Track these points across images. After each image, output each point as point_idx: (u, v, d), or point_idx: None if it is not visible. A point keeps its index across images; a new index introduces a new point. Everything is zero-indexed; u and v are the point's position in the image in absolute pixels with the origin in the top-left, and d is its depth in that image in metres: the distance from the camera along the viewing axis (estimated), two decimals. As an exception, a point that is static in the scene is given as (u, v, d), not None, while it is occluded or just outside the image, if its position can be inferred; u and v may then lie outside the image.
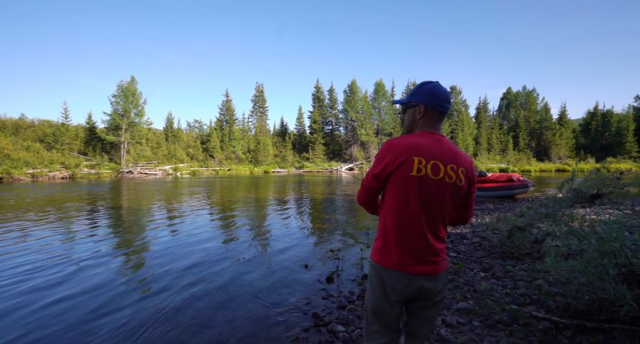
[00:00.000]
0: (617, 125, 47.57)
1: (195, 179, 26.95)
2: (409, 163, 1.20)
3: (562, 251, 2.73)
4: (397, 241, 1.23)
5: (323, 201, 11.46)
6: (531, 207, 7.69)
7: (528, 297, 2.73)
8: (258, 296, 3.31)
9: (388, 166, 1.23)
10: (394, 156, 1.21)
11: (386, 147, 1.25)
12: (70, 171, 26.68)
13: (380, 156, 1.27)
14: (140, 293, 3.38)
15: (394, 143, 1.24)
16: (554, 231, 2.74)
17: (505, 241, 4.09)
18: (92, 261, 4.48)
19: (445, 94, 1.31)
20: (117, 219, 7.95)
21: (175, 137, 44.20)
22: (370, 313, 1.32)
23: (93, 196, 12.88)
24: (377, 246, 1.30)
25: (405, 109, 1.40)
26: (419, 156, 1.20)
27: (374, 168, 1.28)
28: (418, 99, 1.32)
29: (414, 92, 1.34)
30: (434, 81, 1.34)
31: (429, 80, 1.35)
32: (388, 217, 1.25)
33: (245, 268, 4.20)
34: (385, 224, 1.26)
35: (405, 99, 1.38)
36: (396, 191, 1.23)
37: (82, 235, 6.06)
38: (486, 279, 3.34)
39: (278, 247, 5.19)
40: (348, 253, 4.70)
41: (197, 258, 4.63)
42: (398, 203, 1.23)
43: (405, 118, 1.40)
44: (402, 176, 1.21)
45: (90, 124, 36.60)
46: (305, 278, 3.80)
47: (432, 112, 1.30)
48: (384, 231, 1.27)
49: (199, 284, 3.62)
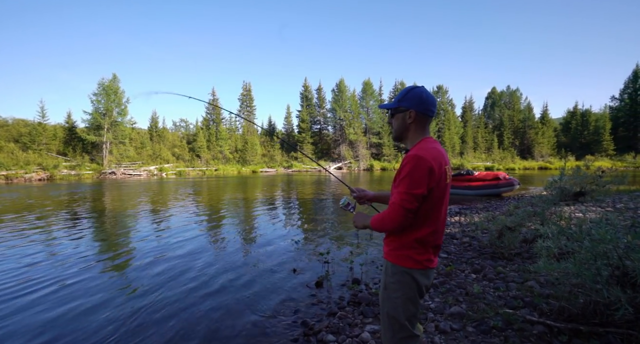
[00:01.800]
0: (595, 124, 49.35)
1: (181, 179, 26.34)
2: (445, 174, 1.31)
3: (553, 252, 2.70)
4: (431, 244, 1.34)
5: (312, 202, 11.34)
6: (519, 206, 7.78)
7: (521, 299, 2.69)
8: (244, 303, 3.16)
9: (432, 182, 1.26)
10: (437, 171, 1.26)
11: (423, 165, 1.24)
12: (48, 172, 25.59)
13: (420, 174, 1.24)
14: (118, 304, 3.17)
15: (426, 158, 1.25)
16: (545, 232, 2.70)
17: (495, 241, 4.07)
18: (69, 272, 4.22)
19: (433, 99, 1.38)
20: (96, 223, 7.60)
21: (160, 137, 43.09)
22: (404, 321, 1.34)
23: (71, 199, 12.33)
24: (407, 253, 1.33)
25: (393, 113, 1.43)
26: (446, 164, 1.32)
27: (416, 188, 1.24)
28: (408, 105, 1.37)
29: (401, 97, 1.39)
30: (420, 86, 1.41)
31: (415, 86, 1.41)
32: (424, 224, 1.31)
33: (231, 273, 4.03)
34: (421, 232, 1.31)
35: (393, 104, 1.42)
36: (434, 199, 1.29)
37: (56, 244, 5.74)
38: (478, 281, 3.29)
39: (266, 251, 5.04)
40: (337, 256, 4.59)
41: (180, 263, 4.43)
42: (434, 210, 1.31)
43: (394, 122, 1.44)
44: (441, 186, 1.30)
45: (69, 124, 35.25)
46: (294, 283, 3.67)
47: (422, 117, 1.37)
48: (419, 240, 1.32)
49: (182, 292, 3.44)
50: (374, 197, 1.77)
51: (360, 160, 45.55)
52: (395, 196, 1.28)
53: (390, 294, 1.35)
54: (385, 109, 1.53)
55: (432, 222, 1.32)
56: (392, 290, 1.35)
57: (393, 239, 1.38)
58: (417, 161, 1.24)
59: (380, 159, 47.52)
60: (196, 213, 8.82)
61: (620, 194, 8.50)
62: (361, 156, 46.00)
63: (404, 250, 1.33)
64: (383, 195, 1.75)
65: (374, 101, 50.53)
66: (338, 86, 48.42)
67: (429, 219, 1.31)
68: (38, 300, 3.28)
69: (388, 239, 1.42)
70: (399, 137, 1.45)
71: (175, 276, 3.96)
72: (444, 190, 1.33)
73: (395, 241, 1.37)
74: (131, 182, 23.18)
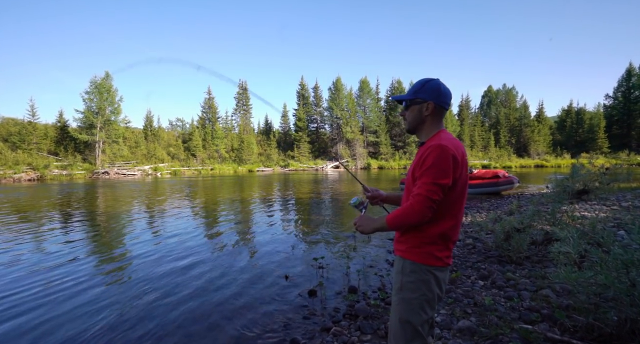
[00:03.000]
0: (589, 122, 49.52)
1: (176, 179, 25.90)
2: (466, 165, 1.28)
3: (573, 259, 2.41)
4: (451, 239, 1.30)
5: (308, 201, 11.03)
6: (521, 205, 7.50)
7: (537, 312, 2.40)
8: (229, 316, 2.84)
9: (456, 172, 1.22)
10: (460, 161, 1.23)
11: (448, 154, 1.20)
12: (39, 173, 25.01)
13: (445, 163, 1.20)
14: (89, 312, 2.84)
15: (450, 148, 1.21)
16: (565, 236, 2.41)
17: (502, 244, 3.78)
18: (54, 279, 3.86)
19: (450, 92, 1.37)
20: (80, 225, 7.22)
21: (155, 136, 42.51)
22: (419, 326, 1.25)
23: (59, 200, 11.91)
24: (428, 250, 1.27)
25: (408, 105, 1.39)
26: (465, 156, 1.29)
27: (442, 178, 1.19)
28: (426, 96, 1.34)
29: (418, 88, 1.36)
30: (436, 78, 1.37)
31: (431, 78, 1.37)
32: (445, 217, 1.26)
33: (218, 281, 3.71)
34: (443, 226, 1.26)
35: (408, 95, 1.38)
36: (457, 191, 1.26)
37: (42, 249, 5.37)
38: (486, 288, 3.00)
39: (257, 255, 4.72)
40: (332, 260, 4.28)
41: (165, 269, 4.09)
42: (457, 203, 1.28)
43: (409, 115, 1.40)
44: (463, 177, 1.27)
45: (61, 123, 34.58)
46: (285, 291, 3.36)
47: (439, 109, 1.35)
48: (441, 234, 1.26)
49: (161, 301, 3.11)
50: (387, 198, 1.71)
51: (358, 159, 45.29)
52: (419, 188, 1.21)
53: (407, 295, 1.27)
54: (398, 100, 1.46)
55: (454, 215, 1.28)
56: (409, 290, 1.27)
57: (413, 235, 1.30)
58: (442, 150, 1.19)
59: (377, 158, 47.30)
60: (188, 214, 8.47)
61: (622, 192, 8.28)
62: (358, 154, 45.74)
63: (425, 247, 1.27)
64: (394, 196, 1.70)
65: (371, 100, 50.27)
66: (335, 84, 48.07)
67: (451, 212, 1.27)
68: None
69: (406, 236, 1.33)
70: (413, 130, 1.41)
71: (154, 279, 3.62)
72: (466, 182, 1.30)
73: (415, 238, 1.29)
74: (125, 182, 22.70)
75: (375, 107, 50.76)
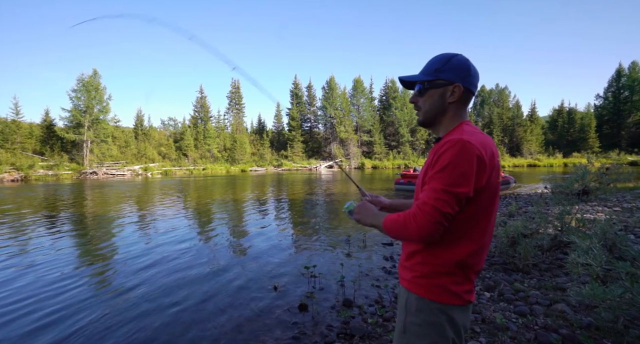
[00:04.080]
0: (580, 122, 50.13)
1: (167, 179, 25.32)
2: (496, 168, 0.96)
3: (596, 272, 2.15)
4: (474, 268, 0.98)
5: (301, 203, 10.72)
6: (520, 207, 7.29)
7: (555, 331, 2.13)
8: (207, 337, 2.51)
9: (481, 178, 0.90)
10: (487, 163, 0.91)
11: (471, 153, 0.88)
12: (23, 173, 24.18)
13: (466, 166, 0.88)
14: (53, 323, 2.49)
15: (475, 145, 0.89)
16: (588, 248, 2.14)
17: (507, 250, 3.53)
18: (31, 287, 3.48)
19: (478, 71, 1.04)
20: (58, 228, 6.79)
21: (145, 136, 41.66)
22: None
23: (41, 201, 11.37)
24: (442, 283, 0.96)
25: (426, 89, 1.04)
26: (497, 157, 0.96)
27: (459, 184, 0.87)
28: (451, 76, 1.00)
29: (440, 66, 1.02)
30: (460, 54, 1.03)
31: (455, 53, 1.03)
32: (467, 239, 0.95)
33: (199, 292, 3.38)
34: (461, 251, 0.95)
35: (426, 76, 1.03)
36: (483, 203, 0.94)
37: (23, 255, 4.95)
38: (493, 301, 2.73)
39: (245, 262, 4.39)
40: (326, 268, 3.98)
41: (141, 278, 3.74)
42: (482, 219, 0.96)
43: (425, 102, 1.05)
44: (492, 185, 0.95)
45: (47, 121, 33.59)
46: (273, 305, 3.04)
47: (467, 95, 1.02)
48: (459, 263, 0.95)
49: (125, 317, 2.77)
50: (390, 207, 1.37)
51: (352, 158, 45.08)
52: (426, 194, 0.91)
53: (412, 341, 0.97)
54: (408, 83, 1.09)
55: (479, 237, 0.96)
56: (415, 335, 0.97)
57: (422, 260, 0.99)
58: (463, 148, 0.88)
59: (371, 157, 47.15)
60: (176, 217, 8.07)
61: (621, 192, 8.15)
62: (352, 154, 45.53)
63: (437, 278, 0.96)
64: (400, 204, 1.37)
65: (365, 99, 50.12)
66: (328, 83, 47.79)
67: (474, 232, 0.95)
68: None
69: (412, 261, 1.03)
70: (430, 122, 1.07)
71: (125, 291, 3.27)
72: (495, 191, 0.97)
73: (425, 266, 0.98)
74: (113, 182, 22.07)
75: (369, 106, 50.62)
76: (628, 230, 4.19)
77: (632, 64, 46.19)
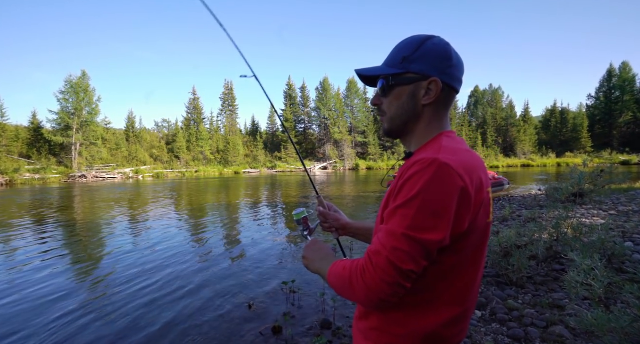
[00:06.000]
0: (573, 122, 50.58)
1: (158, 182, 24.86)
2: (486, 205, 0.67)
3: (598, 295, 1.91)
4: (452, 341, 0.69)
5: (292, 207, 10.43)
6: (514, 211, 7.07)
7: (553, 363, 1.88)
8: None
9: (463, 217, 0.61)
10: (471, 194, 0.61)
11: (451, 181, 0.58)
12: (8, 177, 23.53)
13: (440, 200, 0.58)
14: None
15: (455, 169, 0.59)
16: (588, 267, 1.90)
17: (500, 262, 3.29)
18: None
19: (462, 61, 0.74)
20: (38, 236, 6.42)
21: (137, 138, 41.04)
22: None
23: (23, 206, 10.93)
24: None
25: (391, 86, 0.73)
26: (488, 185, 0.68)
27: (427, 228, 0.58)
28: (425, 68, 0.69)
29: (407, 54, 0.71)
30: (437, 36, 0.73)
31: (429, 35, 0.73)
32: (440, 305, 0.66)
33: (167, 308, 3.08)
34: (433, 320, 0.66)
35: (389, 69, 0.73)
36: (467, 252, 0.66)
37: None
38: (485, 322, 2.48)
39: (222, 274, 4.11)
40: (306, 282, 3.70)
41: (100, 292, 3.43)
42: (466, 273, 0.67)
43: (391, 104, 0.74)
44: (479, 227, 0.66)
45: (35, 124, 32.85)
46: (245, 328, 2.76)
47: (448, 93, 0.72)
48: (430, 336, 0.66)
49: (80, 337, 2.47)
50: (354, 230, 1.04)
51: (346, 159, 44.91)
52: (381, 239, 0.62)
53: None
54: (368, 78, 0.79)
55: (460, 298, 0.68)
56: None
57: (380, 327, 0.70)
58: (438, 172, 0.58)
59: (365, 159, 47.03)
60: (161, 226, 7.74)
61: (615, 194, 8.00)
62: (346, 155, 45.35)
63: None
64: (365, 229, 1.03)
65: (359, 100, 50.01)
66: (322, 84, 47.59)
67: (452, 291, 0.67)
68: None
69: (367, 324, 0.73)
70: (398, 131, 0.76)
71: (81, 315, 2.97)
72: (484, 234, 0.69)
73: (383, 335, 0.69)
74: (103, 186, 21.56)
75: (364, 107, 50.52)
76: (626, 237, 3.98)
77: (622, 65, 46.79)
